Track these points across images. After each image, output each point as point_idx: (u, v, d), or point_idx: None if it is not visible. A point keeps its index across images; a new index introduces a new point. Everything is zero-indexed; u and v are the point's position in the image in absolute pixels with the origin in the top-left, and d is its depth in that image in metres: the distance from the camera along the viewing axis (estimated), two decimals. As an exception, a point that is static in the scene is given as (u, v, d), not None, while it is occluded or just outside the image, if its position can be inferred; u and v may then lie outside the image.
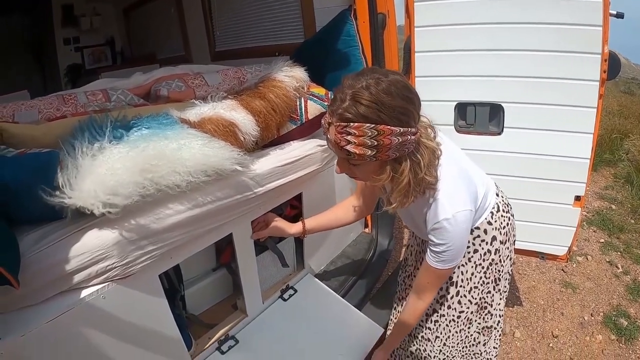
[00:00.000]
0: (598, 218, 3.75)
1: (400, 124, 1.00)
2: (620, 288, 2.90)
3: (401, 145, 1.02)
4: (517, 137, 2.01)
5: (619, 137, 5.19)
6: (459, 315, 1.54)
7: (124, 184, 1.04)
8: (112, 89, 1.79)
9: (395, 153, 1.04)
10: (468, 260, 1.46)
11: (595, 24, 1.74)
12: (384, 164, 1.08)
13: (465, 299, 1.51)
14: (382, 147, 1.00)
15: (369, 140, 0.99)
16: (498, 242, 1.44)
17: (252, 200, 1.48)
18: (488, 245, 1.43)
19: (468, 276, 1.48)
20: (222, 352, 1.59)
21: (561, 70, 1.85)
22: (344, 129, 1.00)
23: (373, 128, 0.98)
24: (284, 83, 1.61)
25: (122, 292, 1.16)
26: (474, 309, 1.54)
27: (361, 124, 0.98)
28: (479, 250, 1.44)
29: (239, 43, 3.08)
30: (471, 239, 1.42)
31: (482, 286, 1.50)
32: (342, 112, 1.00)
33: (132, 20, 4.45)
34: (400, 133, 1.00)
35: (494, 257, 1.46)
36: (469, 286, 1.49)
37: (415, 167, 1.08)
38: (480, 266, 1.46)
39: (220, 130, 1.34)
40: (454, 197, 1.19)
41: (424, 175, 1.09)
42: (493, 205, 1.43)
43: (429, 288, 1.36)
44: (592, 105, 1.85)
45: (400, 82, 1.02)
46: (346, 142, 1.01)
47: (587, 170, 1.95)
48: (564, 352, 2.41)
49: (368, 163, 1.07)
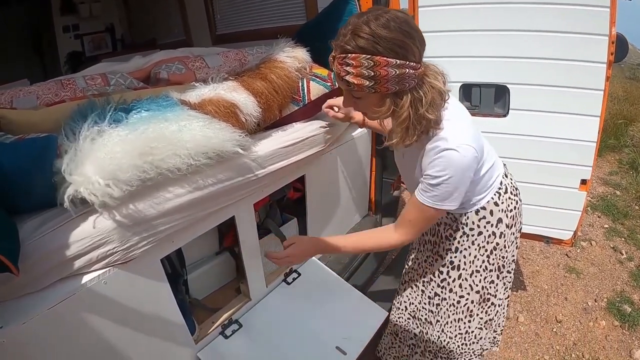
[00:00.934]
0: (602, 203, 3.73)
1: (396, 56, 1.02)
2: (624, 274, 2.89)
3: (400, 79, 1.04)
4: (523, 119, 1.98)
5: (624, 122, 5.14)
6: (459, 300, 1.53)
7: (124, 168, 1.03)
8: (111, 73, 1.77)
9: (395, 86, 1.06)
10: (471, 244, 1.45)
11: (603, 5, 1.71)
12: (384, 97, 1.10)
13: (466, 282, 1.50)
14: (379, 78, 1.03)
15: (366, 70, 1.03)
16: (504, 225, 1.43)
17: (254, 183, 1.46)
18: (493, 227, 1.42)
19: (470, 259, 1.47)
20: (225, 337, 1.59)
21: (568, 52, 1.82)
22: (343, 60, 1.05)
23: (369, 59, 1.02)
24: (286, 64, 1.58)
25: (124, 277, 1.15)
26: (476, 299, 1.53)
27: (358, 54, 1.02)
28: (483, 233, 1.43)
29: (240, 26, 3.05)
30: (476, 220, 1.41)
31: (485, 272, 1.48)
32: (343, 45, 1.04)
33: (132, 6, 4.40)
34: (397, 65, 1.02)
35: (499, 241, 1.45)
36: (471, 269, 1.48)
37: (416, 102, 1.09)
38: (484, 249, 1.45)
39: (221, 111, 1.32)
40: (460, 135, 1.15)
41: (424, 112, 1.09)
42: (500, 186, 1.41)
43: (409, 226, 1.28)
44: (599, 88, 1.82)
45: (401, 17, 1.04)
46: (345, 72, 1.05)
47: (593, 154, 1.93)
48: (568, 337, 2.41)
49: (369, 96, 1.10)
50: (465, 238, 1.45)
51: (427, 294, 1.63)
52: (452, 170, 1.13)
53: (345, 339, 1.64)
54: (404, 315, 1.76)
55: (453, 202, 1.20)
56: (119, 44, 4.58)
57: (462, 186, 1.18)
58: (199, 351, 1.51)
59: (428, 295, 1.63)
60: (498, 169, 1.41)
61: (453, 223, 1.46)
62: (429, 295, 1.63)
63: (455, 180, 1.15)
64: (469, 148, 1.13)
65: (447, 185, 1.15)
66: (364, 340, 1.66)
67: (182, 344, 1.44)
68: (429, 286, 1.62)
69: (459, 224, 1.44)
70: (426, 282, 1.63)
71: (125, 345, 1.21)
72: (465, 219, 1.42)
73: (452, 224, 1.46)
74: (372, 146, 2.27)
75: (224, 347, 1.56)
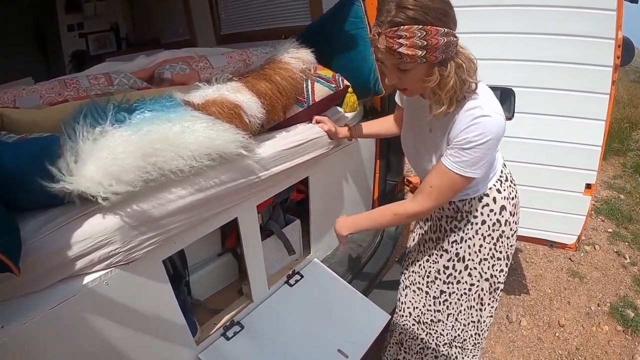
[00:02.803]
0: (606, 207, 3.71)
1: (444, 25, 1.07)
2: (628, 279, 2.88)
3: (446, 47, 1.09)
4: (528, 123, 1.97)
5: (629, 126, 5.13)
6: (470, 288, 1.54)
7: (126, 169, 1.03)
8: (114, 73, 1.76)
9: (442, 54, 1.10)
10: (475, 233, 1.46)
11: (610, 9, 1.70)
12: (431, 67, 1.13)
13: (475, 271, 1.50)
14: (430, 47, 1.07)
15: (419, 40, 1.06)
16: (508, 212, 1.44)
17: (258, 185, 1.45)
18: (497, 215, 1.43)
19: (476, 249, 1.47)
20: (227, 338, 1.58)
21: (574, 55, 1.81)
22: (395, 32, 1.07)
23: (422, 29, 1.05)
24: (290, 65, 1.57)
25: (126, 278, 1.15)
26: (486, 287, 1.52)
27: (410, 25, 1.05)
28: (487, 222, 1.44)
29: (245, 26, 3.05)
30: (479, 207, 1.43)
31: (493, 260, 1.48)
32: (392, 19, 1.07)
33: (136, 6, 4.40)
34: (445, 33, 1.07)
35: (504, 229, 1.45)
36: (479, 258, 1.48)
37: (458, 69, 1.13)
38: (490, 237, 1.45)
39: (224, 112, 1.31)
40: (493, 104, 1.20)
41: (467, 77, 1.14)
42: (501, 174, 1.44)
43: (429, 192, 1.29)
44: (605, 92, 1.82)
45: None
46: (399, 44, 1.07)
47: (599, 158, 1.92)
48: (570, 342, 2.40)
49: (417, 67, 1.13)
50: (470, 227, 1.46)
51: (432, 294, 1.63)
52: (486, 135, 1.16)
53: (347, 342, 1.63)
54: (409, 322, 1.74)
55: (479, 170, 1.22)
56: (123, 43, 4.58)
57: (490, 154, 1.21)
58: (201, 352, 1.51)
59: (433, 296, 1.62)
60: (500, 158, 1.46)
61: (456, 214, 1.47)
62: (433, 295, 1.62)
63: (486, 146, 1.17)
64: (501, 117, 1.18)
65: (479, 149, 1.18)
66: (366, 343, 1.65)
67: (183, 345, 1.43)
68: (434, 286, 1.61)
69: (463, 214, 1.46)
70: (430, 282, 1.62)
71: (126, 347, 1.21)
72: (469, 206, 1.43)
73: (455, 214, 1.47)
74: (376, 148, 2.26)
75: (225, 349, 1.56)
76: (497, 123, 1.16)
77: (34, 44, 4.26)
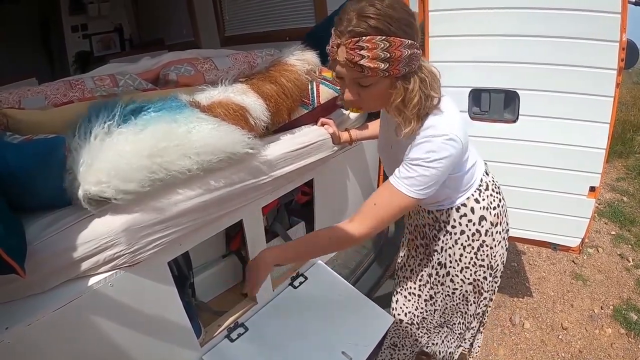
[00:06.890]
0: (609, 210, 3.70)
1: (407, 36, 1.01)
2: (631, 282, 2.86)
3: (410, 60, 1.03)
4: (533, 125, 1.96)
5: (632, 128, 5.11)
6: (454, 292, 1.54)
7: (133, 168, 1.03)
8: (119, 74, 1.76)
9: (405, 68, 1.04)
10: (455, 242, 1.43)
11: (614, 11, 1.69)
12: (394, 82, 1.07)
13: (457, 278, 1.50)
14: (394, 59, 1.00)
15: (382, 52, 0.99)
16: (488, 222, 1.40)
17: (263, 186, 1.45)
18: (476, 225, 1.39)
19: (457, 257, 1.46)
20: (231, 340, 1.58)
21: (578, 58, 1.80)
22: (356, 44, 1.00)
23: (385, 40, 0.99)
24: (296, 67, 1.58)
25: (130, 279, 1.15)
26: (470, 289, 1.52)
27: (373, 36, 0.99)
28: (466, 232, 1.41)
29: (249, 28, 3.05)
30: (457, 217, 1.39)
31: (475, 267, 1.46)
32: (353, 28, 1.00)
33: (141, 7, 4.42)
34: (409, 45, 1.01)
35: (485, 239, 1.41)
36: (460, 266, 1.47)
37: (422, 84, 1.08)
38: (470, 247, 1.43)
39: (230, 114, 1.31)
40: (450, 124, 1.12)
41: (430, 92, 1.09)
42: (480, 184, 1.39)
43: (371, 211, 1.18)
44: (609, 94, 1.81)
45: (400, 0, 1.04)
46: (360, 57, 1.00)
47: (603, 161, 1.91)
48: (573, 345, 2.39)
49: (379, 82, 1.07)
50: (449, 237, 1.44)
51: (424, 297, 1.65)
52: (435, 155, 1.09)
53: (351, 344, 1.63)
54: (401, 327, 1.76)
55: (424, 191, 1.13)
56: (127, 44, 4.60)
57: (439, 176, 1.13)
58: (205, 354, 1.51)
59: (424, 299, 1.65)
60: (480, 168, 1.40)
61: (435, 223, 1.46)
62: (425, 298, 1.64)
63: (434, 167, 1.10)
64: (457, 142, 1.11)
65: (426, 169, 1.10)
66: (370, 345, 1.65)
67: (187, 346, 1.43)
68: (425, 289, 1.63)
69: (441, 223, 1.44)
70: (422, 286, 1.64)
71: (130, 348, 1.20)
72: (446, 216, 1.41)
73: (434, 224, 1.46)
74: (380, 150, 2.25)
75: (229, 351, 1.56)
76: (449, 146, 1.09)
77: (38, 45, 4.28)
